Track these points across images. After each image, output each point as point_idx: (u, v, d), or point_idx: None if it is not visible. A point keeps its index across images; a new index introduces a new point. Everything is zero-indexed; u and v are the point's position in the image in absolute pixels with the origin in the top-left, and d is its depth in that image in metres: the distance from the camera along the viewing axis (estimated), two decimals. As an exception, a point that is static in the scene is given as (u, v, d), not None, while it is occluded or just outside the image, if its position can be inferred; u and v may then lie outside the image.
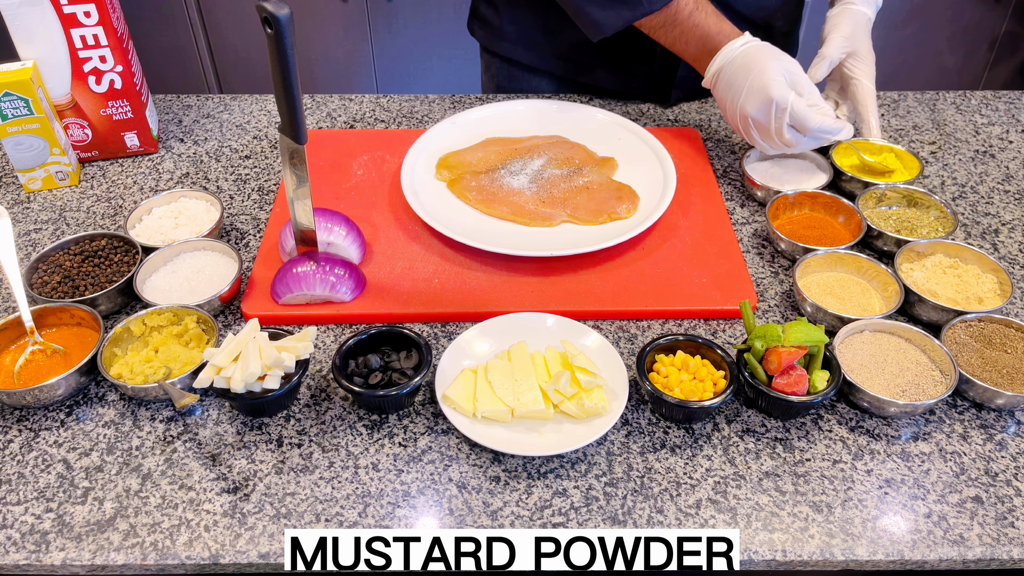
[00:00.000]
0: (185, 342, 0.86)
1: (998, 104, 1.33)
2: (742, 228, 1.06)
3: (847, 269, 0.96)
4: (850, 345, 0.86)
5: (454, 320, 0.92)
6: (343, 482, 0.76)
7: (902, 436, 0.81)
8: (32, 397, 0.80)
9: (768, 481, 0.76)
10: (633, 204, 1.05)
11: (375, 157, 1.17)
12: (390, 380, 0.80)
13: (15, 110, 1.03)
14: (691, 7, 1.08)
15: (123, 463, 0.77)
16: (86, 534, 0.71)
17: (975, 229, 1.06)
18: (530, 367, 0.82)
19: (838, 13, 1.16)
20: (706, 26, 1.08)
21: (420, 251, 1.00)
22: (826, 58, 1.12)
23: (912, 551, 0.71)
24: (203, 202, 1.05)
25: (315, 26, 2.45)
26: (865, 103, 1.14)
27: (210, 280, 0.93)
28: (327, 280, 0.90)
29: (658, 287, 0.95)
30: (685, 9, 1.08)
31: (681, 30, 1.10)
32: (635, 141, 1.16)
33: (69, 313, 0.87)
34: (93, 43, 1.07)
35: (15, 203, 1.10)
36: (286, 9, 0.70)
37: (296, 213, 0.90)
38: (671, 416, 0.81)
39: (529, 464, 0.77)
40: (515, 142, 1.17)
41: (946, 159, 1.20)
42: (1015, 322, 0.87)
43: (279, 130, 0.82)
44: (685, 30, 1.09)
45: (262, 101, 1.32)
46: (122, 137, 1.16)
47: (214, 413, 0.82)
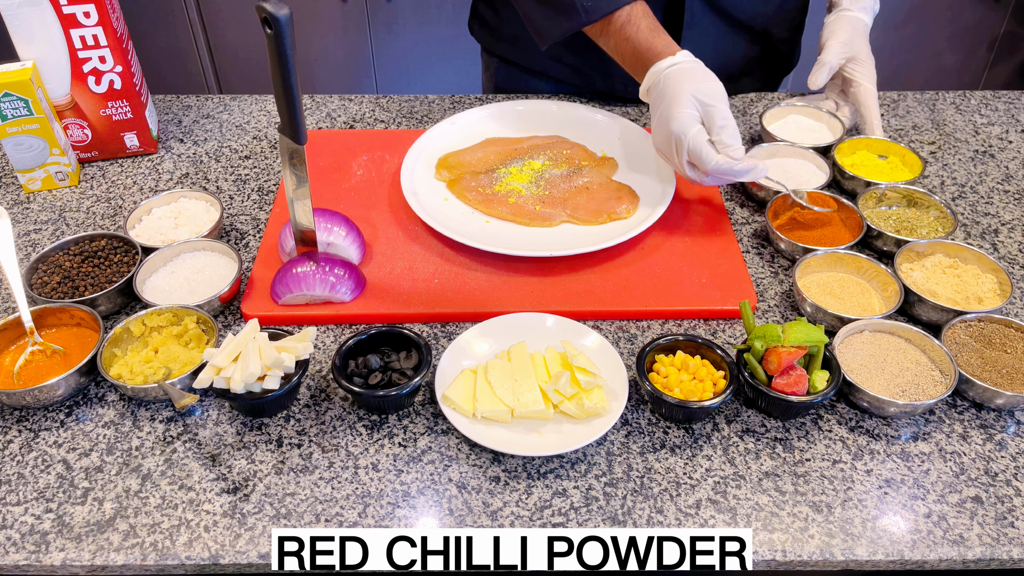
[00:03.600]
0: (185, 342, 0.86)
1: (998, 104, 1.33)
2: (742, 228, 1.06)
3: (847, 269, 0.96)
4: (850, 345, 0.86)
5: (454, 320, 0.92)
6: (343, 482, 0.76)
7: (902, 436, 0.81)
8: (32, 397, 0.79)
9: (768, 481, 0.76)
10: (633, 204, 1.05)
11: (375, 157, 1.17)
12: (390, 380, 0.80)
13: (15, 110, 1.03)
14: (623, 20, 1.05)
15: (123, 463, 0.77)
16: (86, 534, 0.71)
17: (975, 229, 1.06)
18: (530, 367, 0.82)
19: (835, 19, 1.17)
20: (636, 41, 1.04)
21: (420, 251, 1.00)
22: (826, 64, 1.12)
23: (912, 551, 0.71)
24: (203, 202, 1.05)
25: (315, 26, 2.45)
26: (867, 104, 1.15)
27: (210, 280, 0.93)
28: (327, 280, 0.90)
29: (658, 287, 0.95)
30: (617, 22, 1.05)
31: (615, 42, 1.07)
32: (635, 141, 1.16)
33: (69, 313, 0.87)
34: (93, 43, 1.07)
35: (15, 203, 1.10)
36: (286, 9, 0.70)
37: (296, 213, 0.90)
38: (671, 416, 0.81)
39: (529, 464, 0.77)
40: (515, 142, 1.17)
41: (946, 159, 1.20)
42: (1015, 322, 0.87)
43: (279, 130, 0.82)
44: (618, 42, 1.07)
45: (262, 101, 1.32)
46: (122, 137, 1.16)
47: (214, 413, 0.82)
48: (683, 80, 0.97)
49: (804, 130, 1.20)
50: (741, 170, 0.96)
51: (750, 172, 0.96)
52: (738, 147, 0.96)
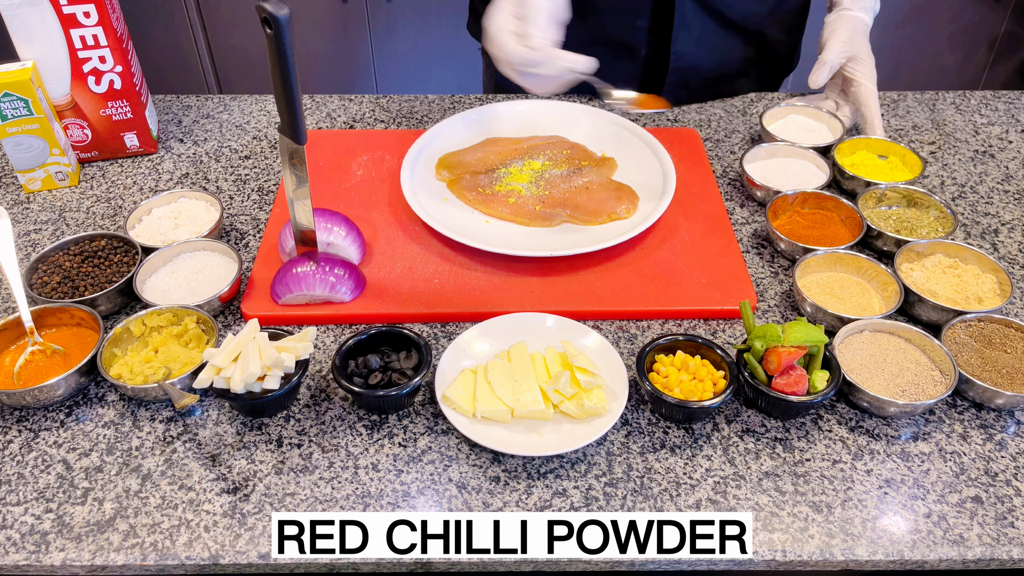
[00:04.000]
0: (185, 342, 0.86)
1: (998, 104, 1.33)
2: (742, 228, 1.06)
3: (847, 269, 0.96)
4: (850, 345, 0.86)
5: (454, 320, 0.92)
6: (343, 482, 0.76)
7: (902, 436, 0.81)
8: (32, 397, 0.79)
9: (768, 481, 0.76)
10: (633, 204, 1.05)
11: (375, 157, 1.17)
12: (390, 380, 0.80)
13: (15, 110, 1.03)
14: None
15: (123, 463, 0.77)
16: (86, 534, 0.71)
17: (975, 229, 1.06)
18: (530, 367, 0.82)
19: (835, 19, 1.17)
20: None
21: (420, 251, 1.00)
22: (826, 63, 1.12)
23: (912, 551, 0.71)
24: (203, 202, 1.05)
25: (315, 26, 2.45)
26: (867, 104, 1.15)
27: (210, 280, 0.93)
28: (327, 280, 0.90)
29: (658, 287, 0.95)
30: None
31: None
32: (635, 141, 1.16)
33: (69, 313, 0.87)
34: (93, 43, 1.07)
35: (15, 203, 1.10)
36: (286, 9, 0.70)
37: (296, 213, 0.90)
38: (671, 416, 0.81)
39: (529, 464, 0.77)
40: (515, 142, 1.17)
41: (946, 159, 1.20)
42: (1015, 322, 0.87)
43: (279, 130, 0.82)
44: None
45: (262, 101, 1.32)
46: (122, 137, 1.16)
47: (214, 413, 0.82)
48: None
49: (804, 130, 1.20)
50: (539, 59, 0.91)
51: (550, 63, 0.91)
52: (535, 35, 0.91)
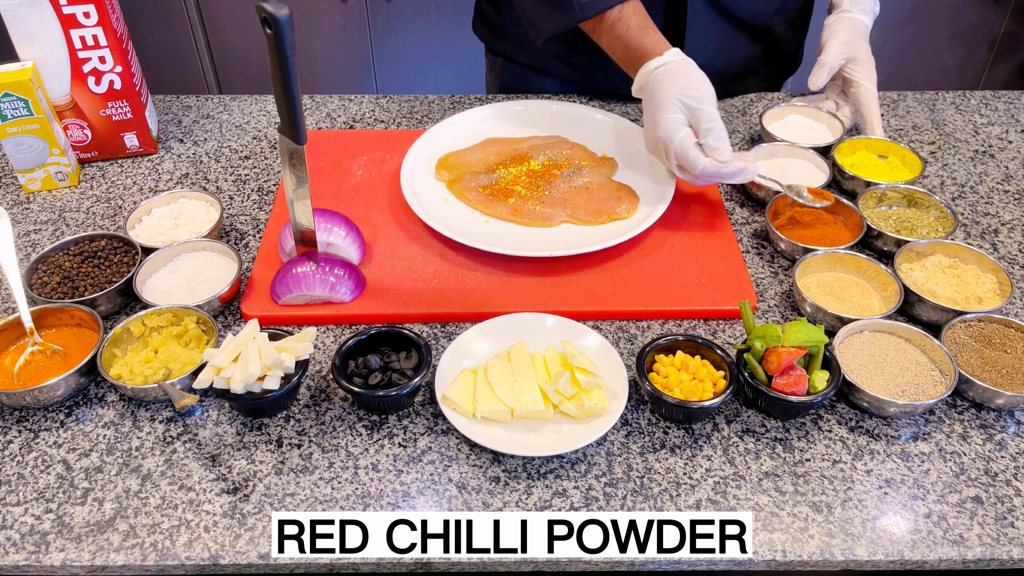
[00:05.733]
0: (185, 343, 0.86)
1: (998, 104, 1.33)
2: (742, 228, 1.06)
3: (847, 269, 0.96)
4: (850, 345, 0.86)
5: (454, 320, 0.92)
6: (343, 482, 0.76)
7: (902, 436, 0.81)
8: (32, 398, 0.79)
9: (768, 481, 0.76)
10: (633, 204, 1.05)
11: (375, 157, 1.17)
12: (390, 380, 0.80)
13: (15, 111, 1.03)
14: (614, 18, 1.05)
15: (123, 464, 0.77)
16: (86, 535, 0.71)
17: (975, 229, 1.06)
18: (530, 367, 0.82)
19: (835, 21, 1.17)
20: (626, 39, 1.04)
21: (420, 251, 1.00)
22: (826, 65, 1.13)
23: (912, 551, 0.71)
24: (203, 203, 1.05)
25: (315, 26, 2.45)
26: (867, 104, 1.15)
27: (210, 281, 0.93)
28: (327, 280, 0.90)
29: (658, 287, 0.95)
30: (609, 19, 1.06)
31: (607, 39, 1.08)
32: (635, 141, 1.16)
33: (69, 314, 0.87)
34: (92, 44, 1.07)
35: (15, 204, 1.10)
36: (286, 9, 0.70)
37: (296, 213, 0.90)
38: (671, 416, 0.81)
39: (529, 464, 0.77)
40: (515, 142, 1.17)
41: (946, 159, 1.20)
42: (1015, 322, 0.87)
43: (279, 130, 0.82)
44: (610, 40, 1.07)
45: (262, 101, 1.32)
46: (122, 138, 1.16)
47: (214, 414, 0.82)
48: (670, 83, 0.97)
49: (804, 130, 1.20)
50: (729, 172, 0.96)
51: (739, 174, 0.97)
52: (725, 149, 0.96)
